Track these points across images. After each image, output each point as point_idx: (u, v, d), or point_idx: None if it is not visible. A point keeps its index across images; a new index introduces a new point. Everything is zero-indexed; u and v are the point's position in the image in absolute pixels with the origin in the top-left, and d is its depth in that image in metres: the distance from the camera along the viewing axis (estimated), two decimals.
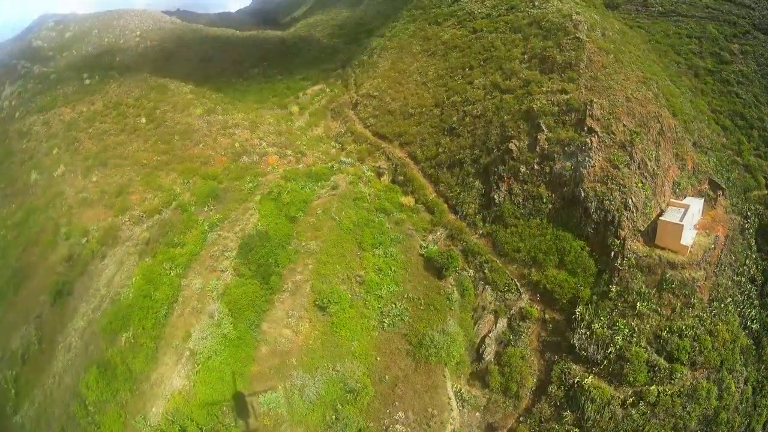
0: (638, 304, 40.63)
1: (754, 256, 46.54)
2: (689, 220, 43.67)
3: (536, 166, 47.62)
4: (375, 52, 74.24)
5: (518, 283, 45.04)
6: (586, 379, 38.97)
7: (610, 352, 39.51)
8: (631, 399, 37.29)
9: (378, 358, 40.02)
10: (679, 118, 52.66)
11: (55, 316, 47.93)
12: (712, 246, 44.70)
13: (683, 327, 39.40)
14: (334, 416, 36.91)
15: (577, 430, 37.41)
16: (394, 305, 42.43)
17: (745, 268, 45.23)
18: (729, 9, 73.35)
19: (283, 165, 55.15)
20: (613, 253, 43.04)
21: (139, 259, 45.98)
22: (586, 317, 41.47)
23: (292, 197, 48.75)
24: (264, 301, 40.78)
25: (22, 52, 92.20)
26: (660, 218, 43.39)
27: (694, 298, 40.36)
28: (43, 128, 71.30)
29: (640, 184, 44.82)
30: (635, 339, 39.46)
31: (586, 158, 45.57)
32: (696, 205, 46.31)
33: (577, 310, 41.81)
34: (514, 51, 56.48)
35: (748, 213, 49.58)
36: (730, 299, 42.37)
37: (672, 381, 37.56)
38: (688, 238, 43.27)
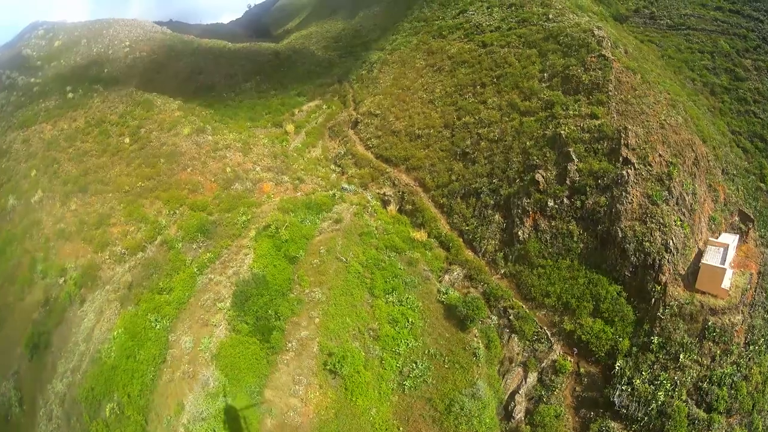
0: (681, 355, 36.13)
1: None
2: (728, 260, 39.28)
3: (566, 200, 42.54)
4: (375, 66, 68.22)
5: (548, 332, 40.00)
6: None
7: (652, 408, 34.97)
8: None
9: (400, 429, 34.38)
10: (708, 144, 48.41)
11: (34, 372, 42.74)
12: (748, 286, 40.74)
13: (722, 375, 35.62)
14: None
15: None
16: (414, 364, 36.60)
17: None
18: (738, 22, 69.85)
19: (280, 193, 48.98)
20: (653, 300, 38.43)
21: (120, 307, 39.81)
22: (627, 372, 36.68)
23: (291, 233, 42.65)
24: (266, 363, 34.59)
25: (10, 61, 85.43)
26: (702, 262, 38.82)
27: (731, 343, 36.51)
28: (23, 147, 64.60)
29: (679, 222, 40.13)
30: (677, 393, 35.25)
31: (623, 193, 40.60)
32: (731, 241, 42.19)
33: (617, 364, 36.96)
34: (530, 68, 51.28)
35: None
36: (762, 339, 38.70)
37: None
38: (727, 280, 39.29)
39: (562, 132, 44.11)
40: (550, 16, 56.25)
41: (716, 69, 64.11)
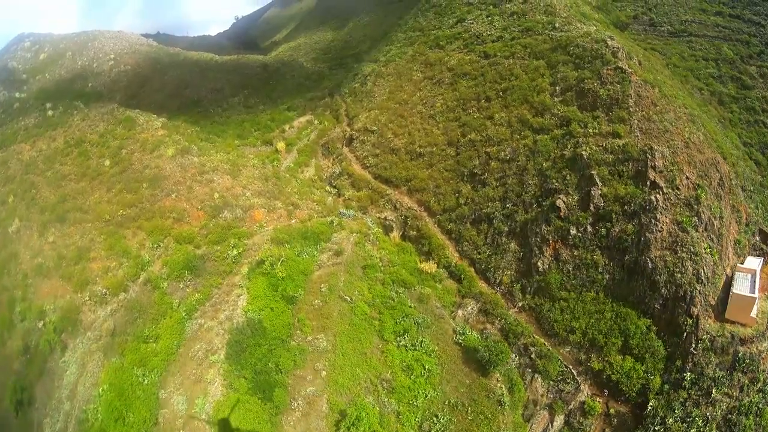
0: (713, 390, 33.53)
1: None
2: (757, 287, 36.58)
3: (589, 228, 39.18)
4: (369, 79, 63.88)
5: (575, 372, 36.67)
6: None
7: None
8: None
9: None
10: (728, 161, 45.83)
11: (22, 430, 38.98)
12: None
13: (749, 404, 33.43)
14: None
15: None
16: (435, 417, 32.71)
17: None
18: (739, 27, 67.52)
19: (273, 221, 44.74)
20: (685, 334, 35.58)
21: (104, 358, 35.42)
22: (659, 411, 33.89)
23: (288, 269, 38.51)
24: (269, 426, 30.53)
25: None
26: (733, 291, 36.00)
27: (758, 371, 34.02)
28: (2, 169, 59.49)
29: (708, 249, 37.28)
30: (708, 428, 32.96)
31: (652, 220, 37.37)
32: (757, 266, 39.49)
33: (650, 404, 34.08)
34: (540, 81, 47.87)
35: None
36: None
37: None
38: (755, 308, 36.83)
39: (584, 153, 40.61)
40: (557, 25, 52.91)
41: (722, 77, 61.79)
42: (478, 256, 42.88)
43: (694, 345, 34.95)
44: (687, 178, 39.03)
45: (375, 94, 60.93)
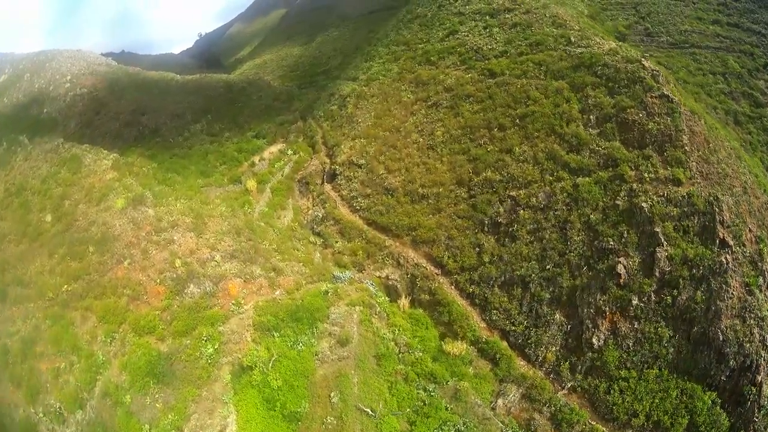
0: None
1: None
2: None
3: (653, 296, 32.50)
4: (348, 101, 53.87)
5: None
6: None
7: None
8: None
9: None
10: None
11: None
12: None
13: None
14: None
15: None
16: None
17: None
18: (740, 37, 63.31)
19: (252, 294, 34.93)
20: (748, 403, 29.73)
21: None
22: None
23: (283, 374, 28.87)
24: None
25: None
26: None
27: None
28: None
29: None
30: None
31: (723, 285, 30.86)
32: None
33: None
34: (565, 107, 40.60)
35: None
36: None
37: None
38: None
39: (644, 204, 33.40)
40: (572, 39, 45.84)
41: (733, 93, 57.10)
42: (513, 328, 34.90)
43: (756, 413, 29.55)
44: (750, 230, 32.95)
45: (358, 118, 51.84)
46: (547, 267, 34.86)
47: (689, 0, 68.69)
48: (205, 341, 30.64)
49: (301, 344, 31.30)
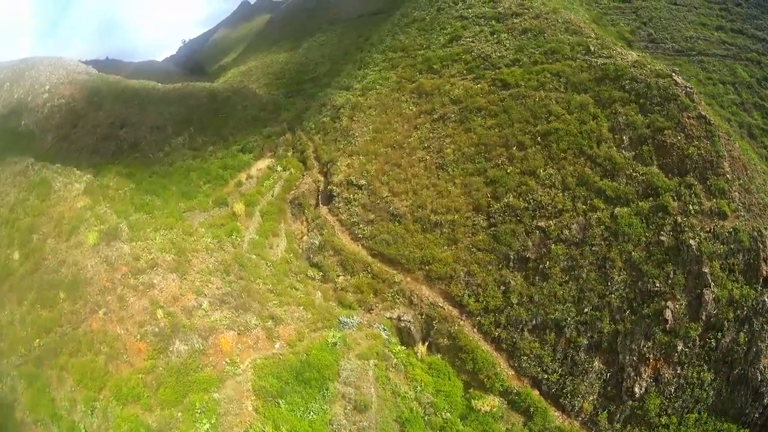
0: None
1: None
2: None
3: (698, 340, 29.22)
4: (342, 112, 48.54)
5: None
6: None
7: None
8: None
9: None
10: None
11: None
12: None
13: None
14: None
15: None
16: None
17: None
18: (745, 44, 60.75)
19: (248, 350, 29.67)
20: None
21: None
22: None
23: None
24: None
25: None
26: None
27: None
28: None
29: None
30: None
31: (764, 325, 27.98)
32: None
33: None
34: (593, 125, 36.55)
35: None
36: None
37: None
38: None
39: (692, 242, 29.40)
40: (591, 48, 42.00)
41: (745, 105, 54.52)
42: (546, 376, 30.65)
43: None
44: None
45: (354, 132, 46.80)
46: (585, 310, 30.89)
47: (690, 5, 65.91)
48: (200, 414, 25.43)
49: (311, 412, 26.48)
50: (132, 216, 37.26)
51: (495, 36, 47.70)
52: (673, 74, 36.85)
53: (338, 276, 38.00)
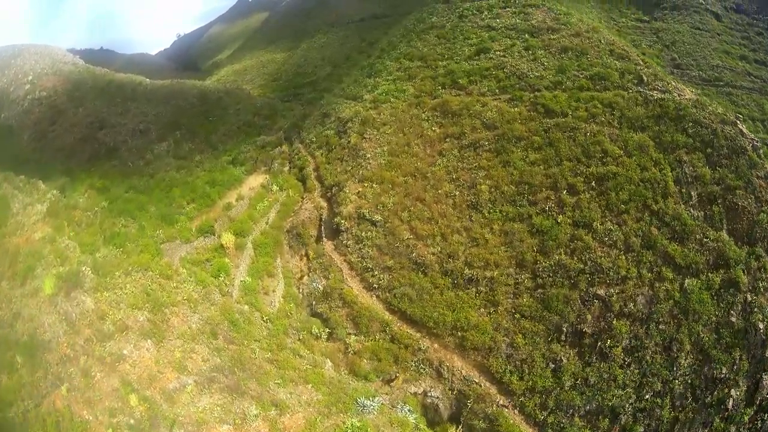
0: None
1: None
2: None
3: (749, 424, 25.24)
4: (351, 127, 41.42)
5: None
6: None
7: None
8: None
9: None
10: None
11: None
12: None
13: None
14: None
15: None
16: None
17: None
18: None
19: None
20: None
21: None
22: None
23: None
24: None
25: None
26: None
27: None
28: None
29: None
30: None
31: None
32: None
33: None
34: (656, 173, 30.81)
35: None
36: None
37: None
38: None
39: (760, 324, 25.40)
40: (644, 78, 36.97)
41: None
42: None
43: None
44: None
45: (365, 152, 39.90)
46: (646, 396, 25.75)
47: (713, 31, 62.26)
48: None
49: None
50: (99, 251, 29.63)
51: (530, 52, 41.79)
52: (737, 121, 31.96)
53: (349, 335, 31.40)
